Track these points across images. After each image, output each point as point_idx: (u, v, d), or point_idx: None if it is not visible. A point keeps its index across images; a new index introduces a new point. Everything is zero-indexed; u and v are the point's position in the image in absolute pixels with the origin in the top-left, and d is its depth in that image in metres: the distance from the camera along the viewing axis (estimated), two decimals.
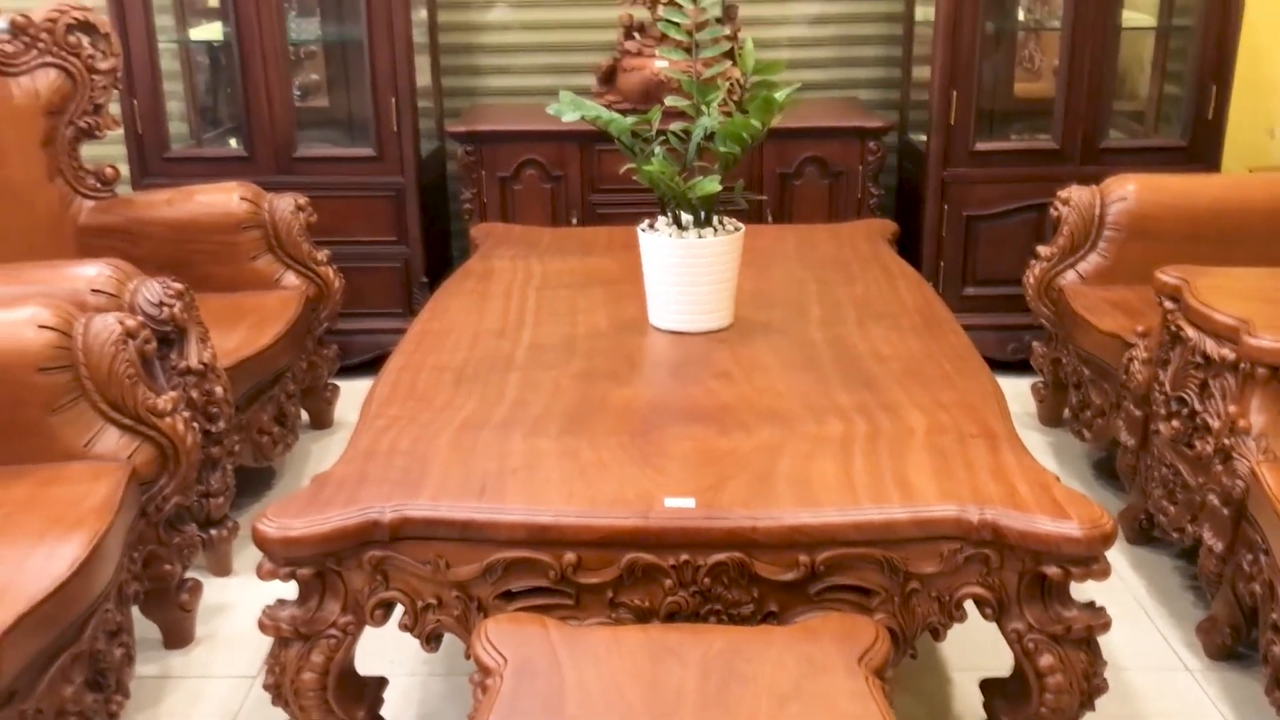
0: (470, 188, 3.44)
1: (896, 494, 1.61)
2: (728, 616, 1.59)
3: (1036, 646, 1.58)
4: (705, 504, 1.60)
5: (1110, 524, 1.53)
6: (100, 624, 1.80)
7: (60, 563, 1.68)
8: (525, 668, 1.44)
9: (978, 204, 3.45)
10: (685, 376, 2.08)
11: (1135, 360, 2.51)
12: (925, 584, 1.59)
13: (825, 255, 2.79)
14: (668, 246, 2.17)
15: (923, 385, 1.98)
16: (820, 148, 3.43)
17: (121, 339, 2.03)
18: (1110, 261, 2.98)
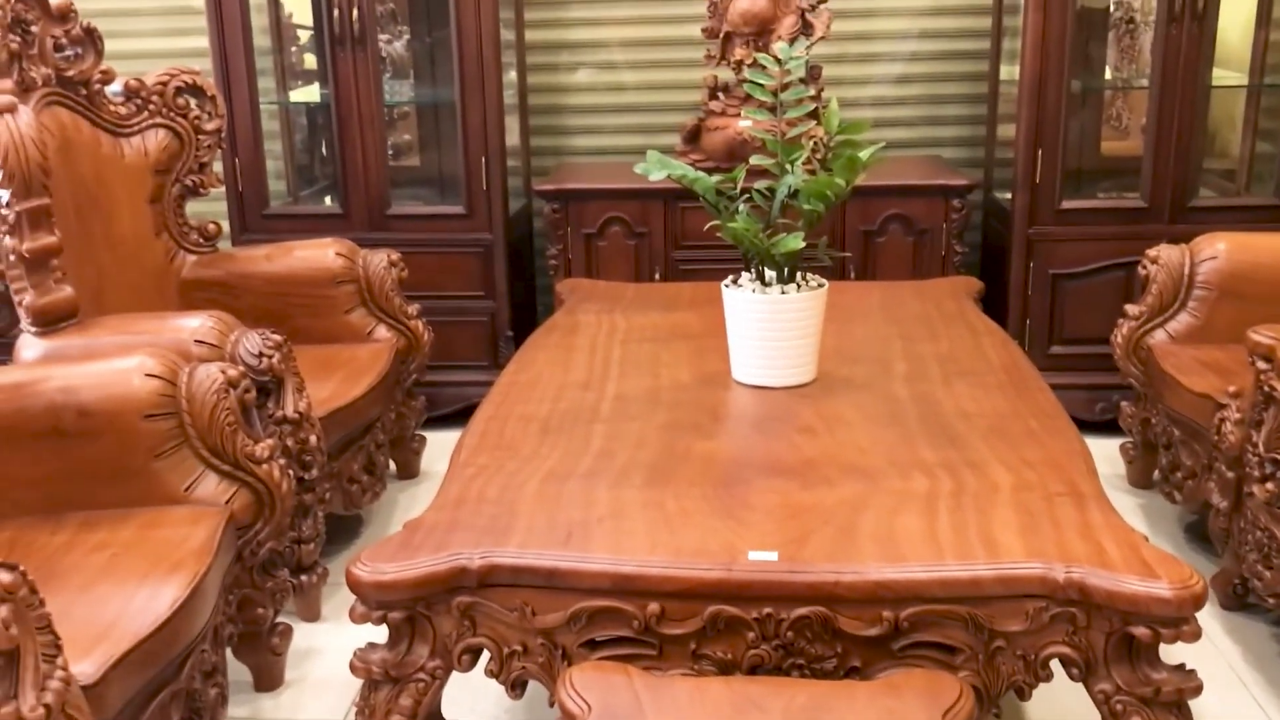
0: (556, 244, 3.51)
1: (982, 551, 1.61)
2: (810, 671, 1.59)
3: (1125, 709, 1.55)
4: (788, 557, 1.61)
5: (1200, 584, 1.51)
6: (197, 663, 1.86)
7: (162, 602, 1.75)
8: (609, 714, 1.46)
9: (1064, 262, 3.42)
10: (768, 430, 2.10)
11: (1228, 421, 2.47)
12: (1010, 642, 1.57)
13: (910, 312, 2.79)
14: (751, 302, 2.20)
15: (1008, 443, 1.98)
16: (904, 205, 3.45)
17: (223, 388, 2.11)
18: (1201, 321, 2.94)
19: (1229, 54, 3.51)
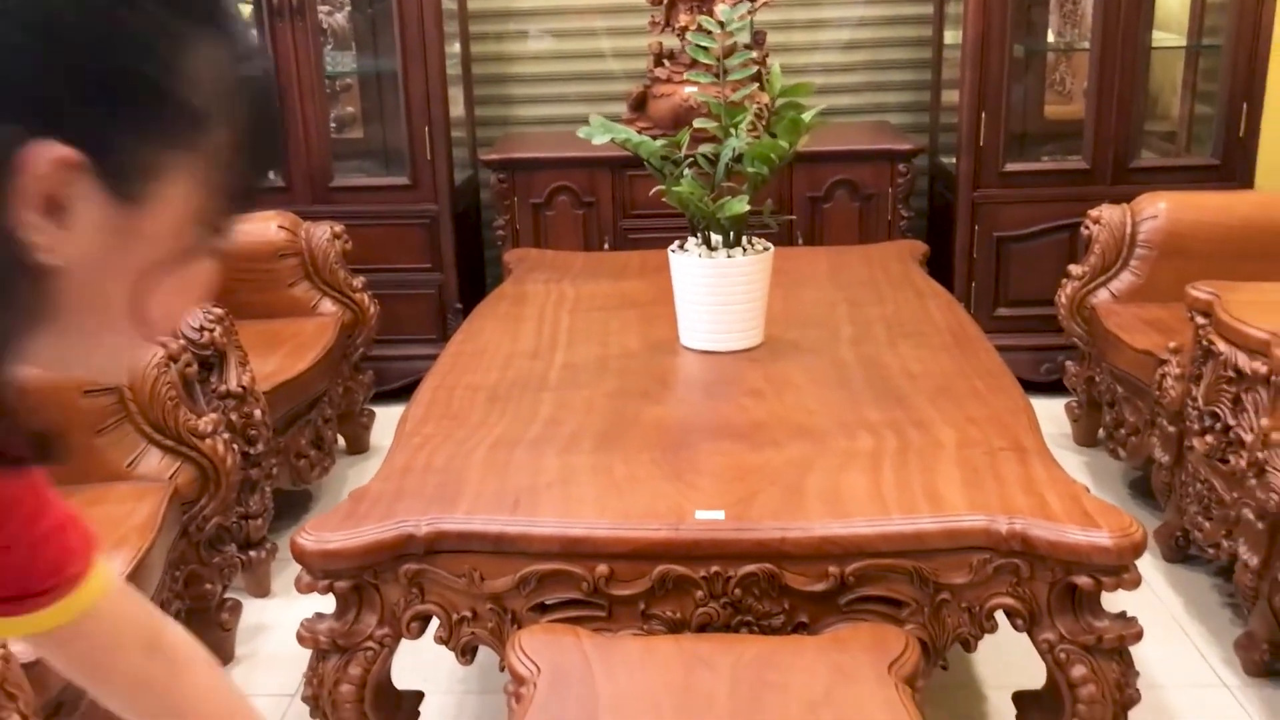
0: (503, 215, 3.49)
1: (926, 505, 1.62)
2: (758, 627, 1.60)
3: (1068, 657, 1.58)
4: (735, 516, 1.62)
5: (1140, 533, 1.53)
6: None
7: None
8: (559, 676, 1.46)
9: (1008, 225, 3.45)
10: (716, 394, 2.10)
11: (1168, 376, 2.51)
12: (955, 595, 1.59)
13: (856, 276, 2.81)
14: (698, 266, 2.20)
15: (953, 401, 1.99)
16: (850, 171, 3.46)
17: (163, 362, 2.08)
18: (1142, 280, 2.98)
19: (1168, 16, 3.54)
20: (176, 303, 0.63)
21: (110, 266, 0.59)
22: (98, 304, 0.59)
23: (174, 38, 0.57)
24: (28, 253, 0.54)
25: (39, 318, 0.57)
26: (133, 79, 0.56)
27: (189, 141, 0.59)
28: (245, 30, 0.63)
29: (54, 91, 0.53)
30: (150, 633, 0.92)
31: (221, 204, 0.63)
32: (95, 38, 0.55)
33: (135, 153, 0.57)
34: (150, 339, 0.63)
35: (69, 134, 0.54)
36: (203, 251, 0.63)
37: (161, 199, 0.59)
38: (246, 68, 0.62)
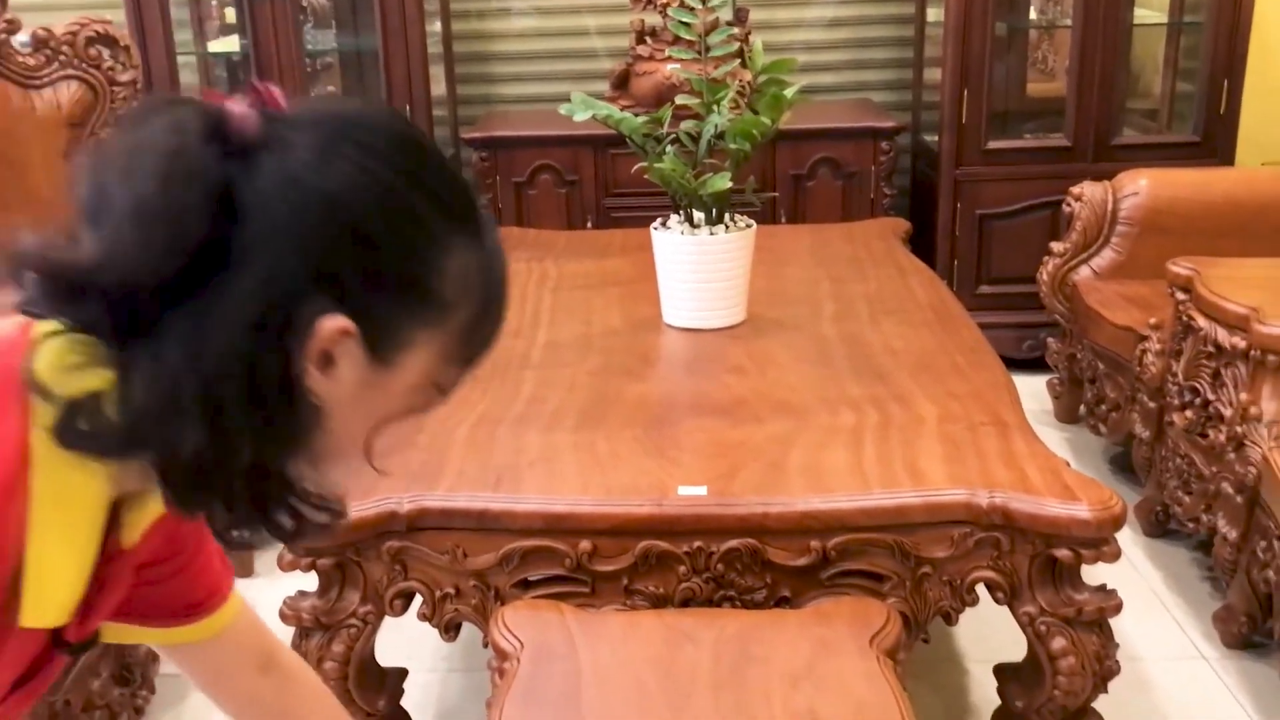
0: (485, 193, 3.48)
1: (907, 480, 1.63)
2: (741, 602, 1.61)
3: (1048, 629, 1.59)
4: (718, 491, 1.62)
5: (1120, 506, 1.54)
6: None
7: None
8: (542, 652, 1.46)
9: (991, 202, 3.46)
10: (699, 371, 2.11)
11: (1149, 352, 2.52)
12: (936, 568, 1.60)
13: (838, 254, 2.81)
14: (680, 244, 2.20)
15: (934, 377, 2.00)
16: (833, 149, 3.45)
17: None
18: (1124, 256, 2.99)
19: None
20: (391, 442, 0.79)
21: (358, 410, 0.75)
22: (343, 436, 0.75)
23: (441, 244, 0.74)
24: (304, 392, 0.70)
25: (304, 440, 0.73)
26: (406, 276, 0.73)
27: (436, 321, 0.75)
28: (491, 229, 0.79)
29: (350, 279, 0.70)
30: (266, 653, 1.04)
31: (452, 369, 0.79)
32: (388, 244, 0.71)
33: (395, 329, 0.73)
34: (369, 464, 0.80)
35: (349, 309, 0.70)
36: (428, 405, 0.79)
37: (407, 364, 0.75)
38: (489, 262, 0.78)
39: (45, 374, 0.69)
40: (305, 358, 0.70)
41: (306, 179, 0.69)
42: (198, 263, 0.67)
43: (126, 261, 0.66)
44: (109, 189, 0.68)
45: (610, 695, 1.38)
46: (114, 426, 0.68)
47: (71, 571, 0.75)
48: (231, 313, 0.67)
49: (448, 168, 0.77)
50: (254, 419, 0.69)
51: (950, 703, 2.11)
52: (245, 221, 0.68)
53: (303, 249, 0.68)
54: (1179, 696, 2.12)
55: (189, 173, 0.67)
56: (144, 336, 0.68)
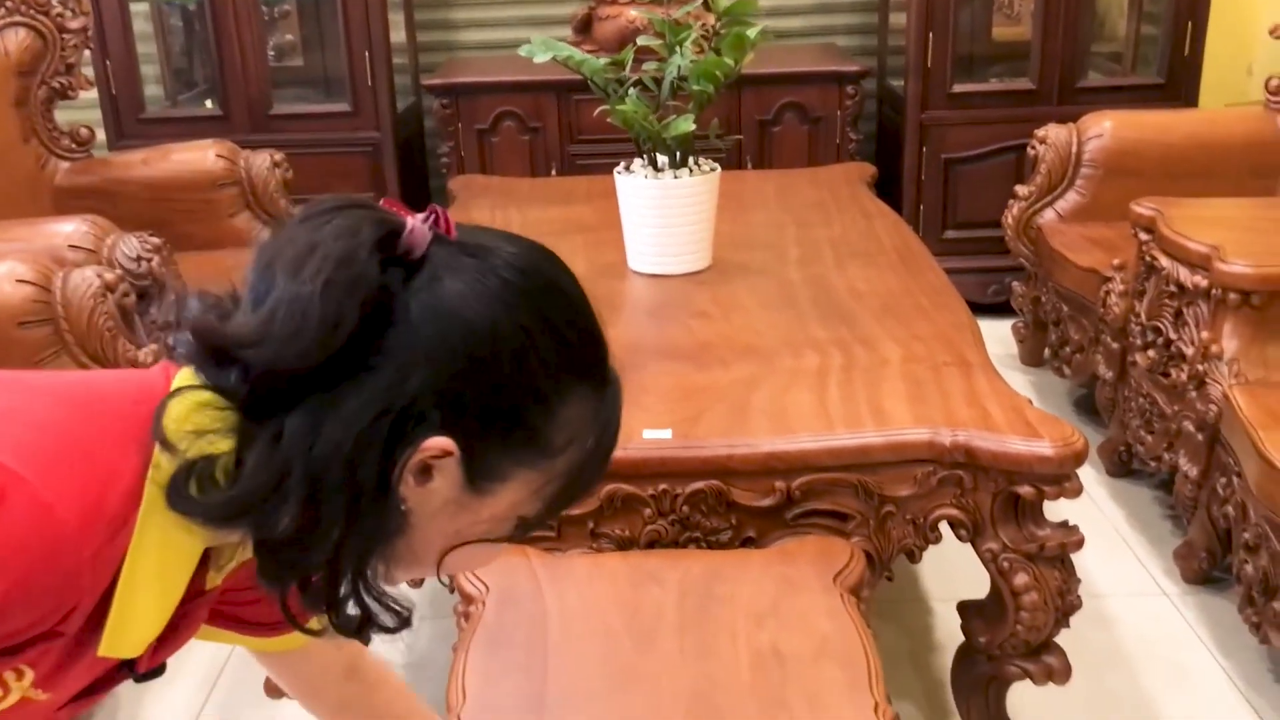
0: (447, 141, 3.44)
1: (871, 420, 1.63)
2: (706, 543, 1.61)
3: (1011, 566, 1.60)
4: (682, 434, 1.62)
5: (1081, 442, 1.55)
6: None
7: None
8: (508, 595, 1.46)
9: (956, 146, 3.45)
10: (664, 317, 2.10)
11: (1112, 293, 2.53)
12: (900, 507, 1.60)
13: (804, 199, 2.79)
14: (644, 188, 2.18)
15: (898, 319, 2.00)
16: (798, 94, 3.43)
17: (100, 292, 2.03)
18: (1088, 199, 3.00)
19: None
20: (464, 564, 0.83)
21: (441, 526, 0.77)
22: (421, 546, 0.78)
23: (561, 393, 0.76)
24: (397, 498, 0.74)
25: (387, 543, 0.76)
26: (520, 416, 0.75)
27: (538, 463, 0.77)
28: (615, 385, 0.82)
29: (468, 407, 0.73)
30: (350, 659, 1.09)
31: (544, 510, 0.80)
32: (510, 383, 0.74)
33: (496, 461, 0.76)
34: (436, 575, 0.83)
35: (459, 433, 0.73)
36: (507, 536, 0.81)
37: (500, 495, 0.77)
38: (604, 416, 0.80)
39: (173, 428, 0.73)
40: (406, 468, 0.73)
41: (454, 306, 0.72)
42: (339, 359, 0.71)
43: (275, 346, 0.70)
44: (276, 276, 0.72)
45: (576, 637, 1.38)
46: (220, 498, 0.72)
47: (154, 613, 0.78)
48: (353, 411, 0.71)
49: (586, 319, 0.80)
50: (346, 514, 0.72)
51: (915, 641, 2.13)
52: (391, 331, 0.72)
53: (433, 369, 0.72)
54: (1140, 631, 2.15)
55: (353, 280, 0.71)
56: (272, 417, 0.72)
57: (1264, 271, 2.05)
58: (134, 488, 0.72)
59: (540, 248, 0.79)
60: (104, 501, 0.71)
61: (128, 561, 0.73)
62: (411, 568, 0.80)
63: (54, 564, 0.68)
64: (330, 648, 1.04)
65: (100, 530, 0.71)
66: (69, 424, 0.73)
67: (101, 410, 0.75)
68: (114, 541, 0.72)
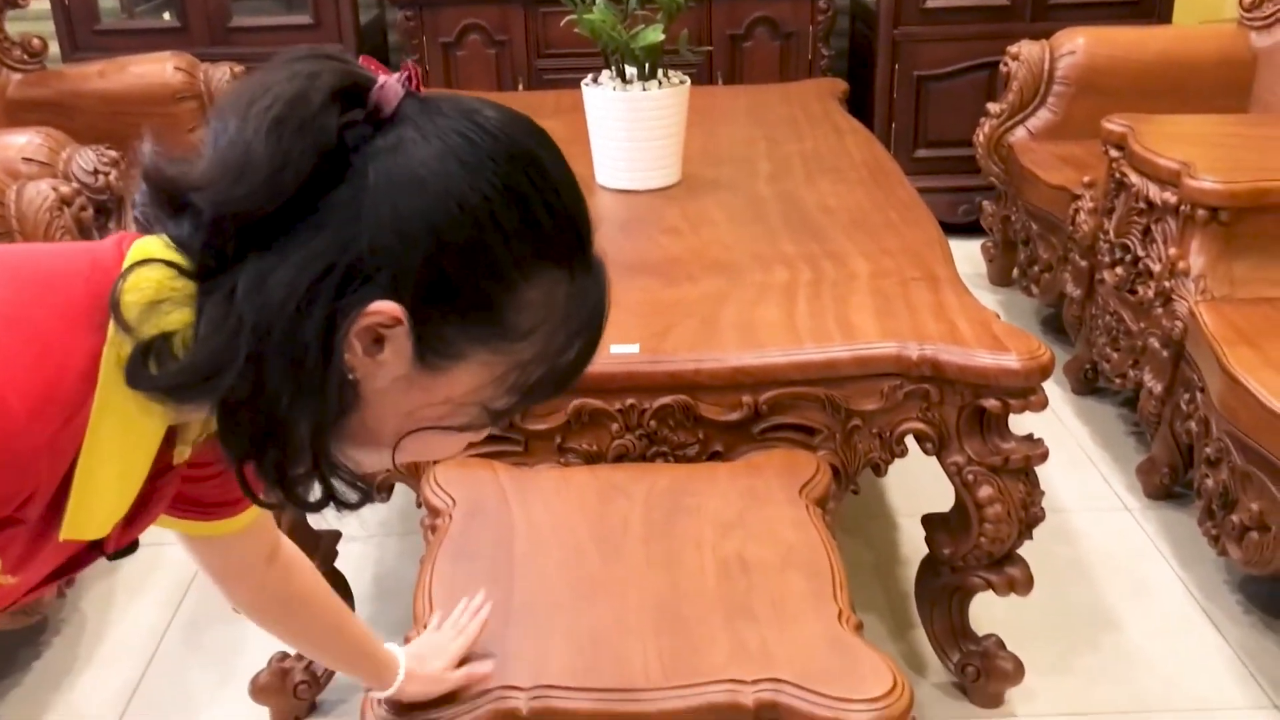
0: (412, 55, 3.37)
1: (838, 334, 1.62)
2: (674, 458, 1.61)
3: (976, 478, 1.61)
4: (650, 349, 1.61)
5: (1047, 355, 1.55)
6: None
7: None
8: (475, 507, 1.46)
9: (929, 63, 3.41)
10: (632, 232, 2.07)
11: (1081, 211, 2.53)
12: (866, 421, 1.61)
13: (775, 114, 2.76)
14: (612, 100, 2.14)
15: (868, 234, 1.99)
16: (770, 8, 3.38)
17: (56, 205, 1.99)
18: (1059, 117, 2.98)
19: None
20: (425, 451, 0.78)
21: (394, 404, 0.74)
22: (372, 422, 0.74)
23: (527, 273, 0.72)
24: (343, 365, 0.70)
25: (338, 417, 0.72)
26: (476, 293, 0.71)
27: (497, 345, 0.73)
28: (599, 273, 0.77)
29: (419, 275, 0.69)
30: (272, 544, 1.08)
31: (508, 400, 0.76)
32: (466, 252, 0.70)
33: (450, 338, 0.71)
34: (396, 463, 0.78)
35: (410, 302, 0.69)
36: (471, 428, 0.77)
37: (455, 376, 0.73)
38: (582, 303, 0.76)
39: (130, 304, 0.69)
40: (352, 331, 0.69)
41: (414, 167, 0.69)
42: (291, 210, 0.68)
43: (222, 188, 0.67)
44: (229, 121, 0.69)
45: (542, 548, 1.38)
46: (176, 368, 0.69)
47: (117, 494, 0.76)
48: (299, 264, 0.68)
49: (563, 201, 0.74)
50: (293, 375, 0.69)
51: (880, 555, 2.15)
52: (346, 186, 0.69)
53: (385, 230, 0.68)
54: (1101, 545, 2.18)
55: (304, 122, 0.67)
56: (226, 274, 0.69)
57: (1232, 188, 2.04)
58: (88, 369, 0.70)
59: (524, 118, 0.75)
60: (57, 385, 0.68)
61: (85, 445, 0.71)
62: (367, 448, 0.77)
63: (5, 452, 0.66)
64: (256, 532, 1.03)
65: (54, 416, 0.68)
66: (16, 304, 0.69)
67: (51, 288, 0.71)
68: (69, 426, 0.69)
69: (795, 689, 1.16)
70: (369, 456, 0.78)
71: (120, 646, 1.98)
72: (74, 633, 2.01)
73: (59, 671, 1.93)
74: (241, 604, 1.11)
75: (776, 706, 1.16)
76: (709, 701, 1.17)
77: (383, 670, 1.18)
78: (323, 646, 1.21)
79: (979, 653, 1.78)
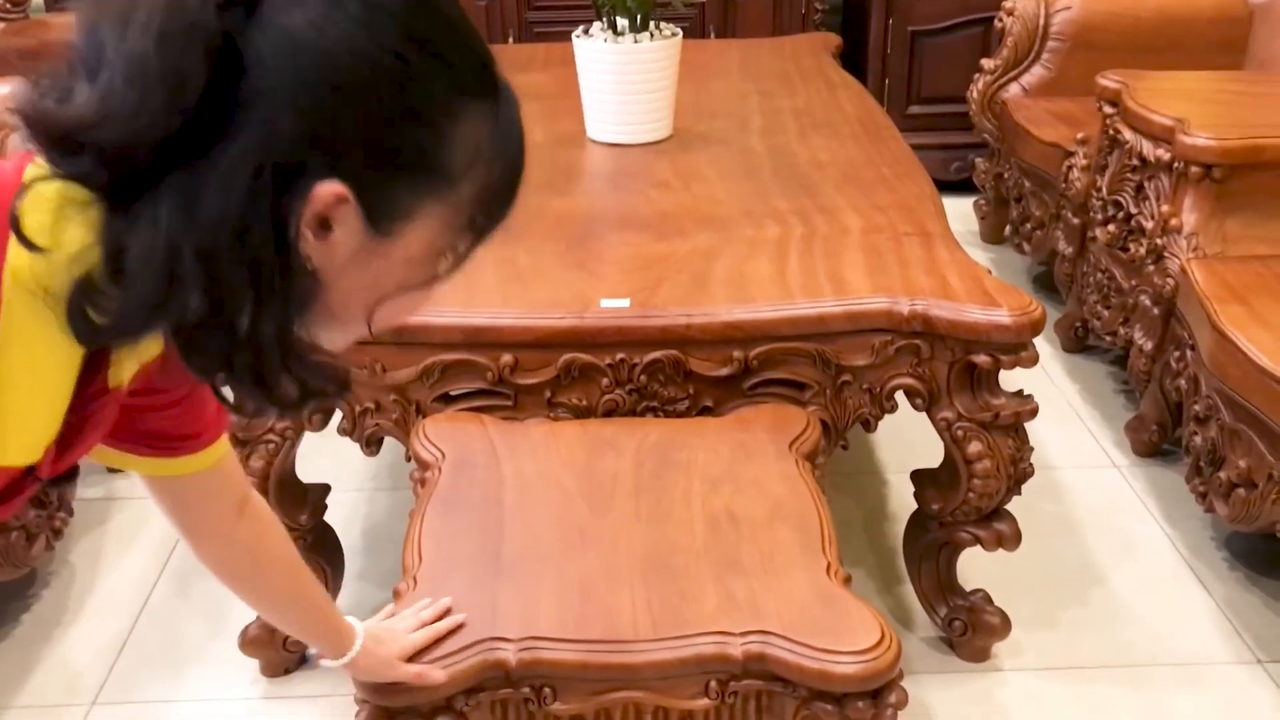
0: None
1: (830, 289, 1.62)
2: (664, 413, 1.61)
3: (965, 434, 1.61)
4: (640, 304, 1.60)
5: (1039, 310, 1.55)
6: None
7: None
8: (464, 461, 1.45)
9: (923, 18, 3.38)
10: (623, 186, 2.06)
11: (1074, 168, 2.52)
12: (857, 376, 1.60)
13: (768, 69, 2.74)
14: (603, 52, 2.12)
15: (860, 189, 1.98)
16: None
17: None
18: (1054, 73, 2.96)
19: None
20: (398, 315, 0.77)
21: (358, 280, 0.72)
22: (339, 304, 0.73)
23: (449, 113, 0.70)
24: (300, 258, 0.68)
25: (304, 309, 0.71)
26: (408, 144, 0.69)
27: (440, 193, 0.72)
28: (510, 100, 0.75)
29: (348, 144, 0.67)
30: (242, 496, 1.07)
31: (463, 243, 0.76)
32: (388, 110, 0.67)
33: (394, 198, 0.70)
34: (369, 334, 0.78)
35: (347, 174, 0.67)
36: (433, 280, 0.76)
37: (409, 235, 0.72)
38: (504, 133, 0.74)
39: (31, 223, 0.66)
40: (301, 223, 0.67)
41: (306, 36, 0.65)
42: (197, 121, 0.64)
43: (122, 119, 0.63)
44: (105, 41, 0.64)
45: (532, 501, 1.38)
46: (118, 309, 0.66)
47: (38, 420, 0.73)
48: (228, 174, 0.65)
49: (465, 33, 0.72)
50: (251, 285, 0.67)
51: (868, 512, 2.16)
52: (245, 80, 0.65)
53: (299, 111, 0.65)
54: (1089, 501, 2.19)
55: (188, 26, 0.63)
56: (143, 200, 0.65)
57: (1226, 144, 2.03)
58: None
59: None
60: None
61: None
62: (338, 330, 0.76)
63: None
64: (222, 478, 1.01)
65: None
66: None
67: None
68: None
69: (783, 640, 1.17)
70: (341, 334, 0.76)
71: (109, 599, 1.98)
72: (63, 586, 2.01)
73: (48, 624, 1.93)
74: (209, 559, 1.08)
75: (765, 658, 1.17)
76: (697, 653, 1.17)
77: (340, 640, 1.17)
78: (286, 610, 1.19)
79: (966, 607, 1.79)
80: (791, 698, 1.20)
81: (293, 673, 1.81)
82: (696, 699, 1.19)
